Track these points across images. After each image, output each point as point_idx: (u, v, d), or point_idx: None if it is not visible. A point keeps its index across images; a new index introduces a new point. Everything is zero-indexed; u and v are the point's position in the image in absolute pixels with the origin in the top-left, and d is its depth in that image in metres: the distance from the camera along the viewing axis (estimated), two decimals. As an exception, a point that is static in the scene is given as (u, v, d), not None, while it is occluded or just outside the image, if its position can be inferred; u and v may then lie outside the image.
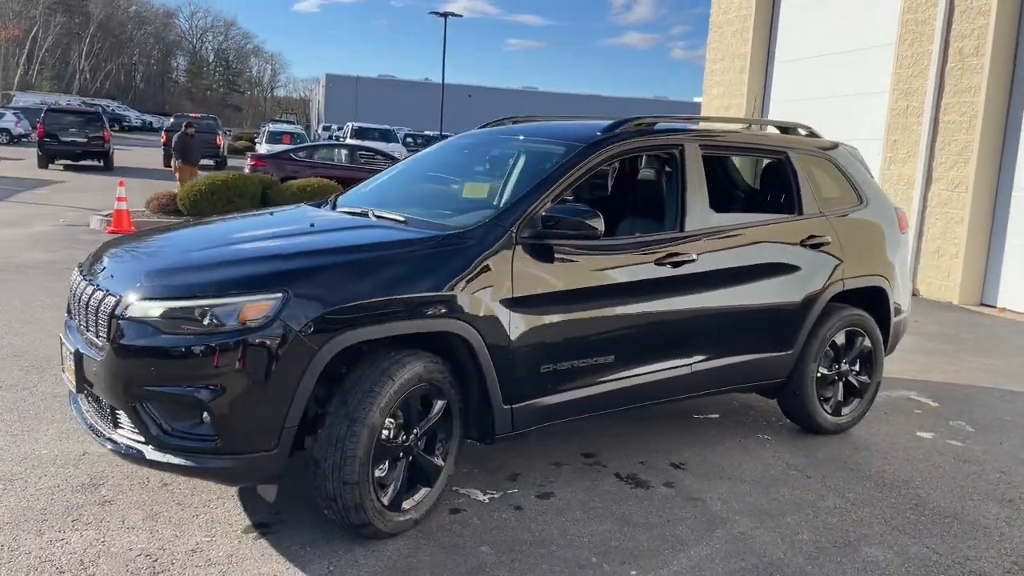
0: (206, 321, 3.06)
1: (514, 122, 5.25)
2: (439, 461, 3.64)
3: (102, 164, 25.79)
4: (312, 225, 4.04)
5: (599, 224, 3.72)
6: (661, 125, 4.56)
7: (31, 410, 4.75)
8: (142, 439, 3.17)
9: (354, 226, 3.99)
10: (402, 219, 3.97)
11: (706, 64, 15.63)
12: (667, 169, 4.48)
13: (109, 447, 3.29)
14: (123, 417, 3.23)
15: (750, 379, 4.69)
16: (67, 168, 25.53)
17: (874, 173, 8.75)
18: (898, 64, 11.38)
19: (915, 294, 10.78)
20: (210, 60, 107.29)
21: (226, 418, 3.06)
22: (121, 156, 30.61)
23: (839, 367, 5.03)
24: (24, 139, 37.47)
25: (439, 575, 3.19)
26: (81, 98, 53.20)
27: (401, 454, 3.46)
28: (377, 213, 4.14)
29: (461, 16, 45.37)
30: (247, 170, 16.87)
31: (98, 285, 3.39)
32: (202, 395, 3.05)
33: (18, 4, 60.65)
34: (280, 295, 3.10)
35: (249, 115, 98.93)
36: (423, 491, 3.57)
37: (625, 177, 5.40)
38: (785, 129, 5.27)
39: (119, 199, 12.32)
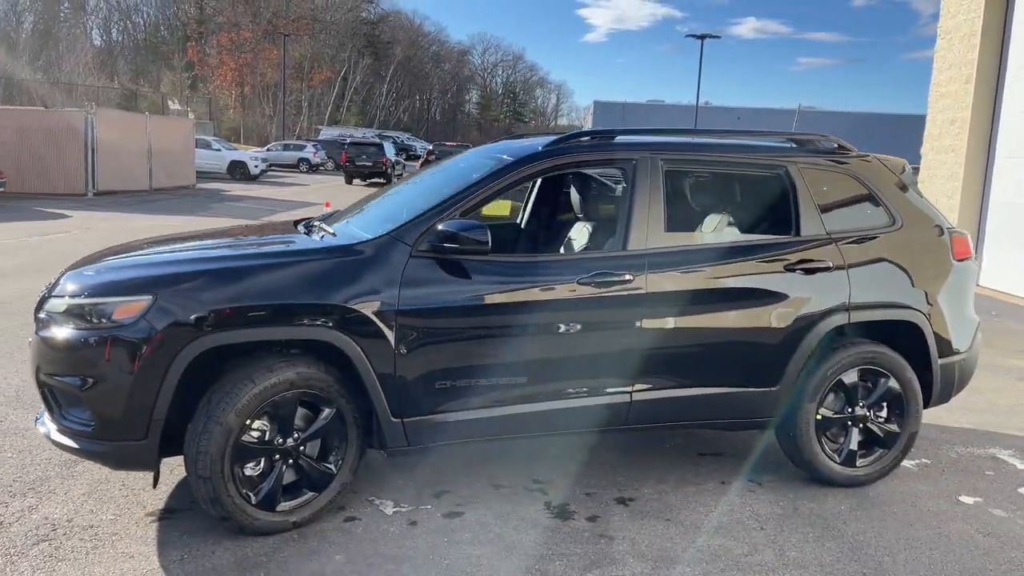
0: (91, 318, 3.46)
1: (517, 136, 5.21)
2: (331, 468, 3.76)
3: (384, 181, 31.09)
4: (242, 238, 4.36)
5: (484, 238, 3.66)
6: (621, 139, 4.34)
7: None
8: (54, 423, 3.64)
9: (274, 241, 4.23)
10: (333, 233, 4.15)
11: (932, 75, 14.04)
12: (623, 185, 4.24)
13: (41, 429, 3.79)
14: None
15: (720, 415, 4.27)
16: (369, 185, 31.71)
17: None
18: None
19: None
20: (499, 92, 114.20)
21: (98, 406, 3.44)
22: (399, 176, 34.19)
23: (852, 411, 4.40)
24: (321, 168, 42.42)
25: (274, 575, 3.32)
26: (377, 131, 59.06)
27: (278, 456, 3.63)
28: (320, 226, 4.35)
29: (718, 37, 44.58)
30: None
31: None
32: (81, 384, 3.44)
33: (332, 50, 69.00)
34: (149, 298, 3.43)
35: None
36: (308, 495, 3.72)
37: (584, 194, 5.11)
38: (801, 142, 4.72)
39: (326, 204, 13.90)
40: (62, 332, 3.49)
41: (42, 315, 3.64)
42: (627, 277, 3.96)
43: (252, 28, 61.60)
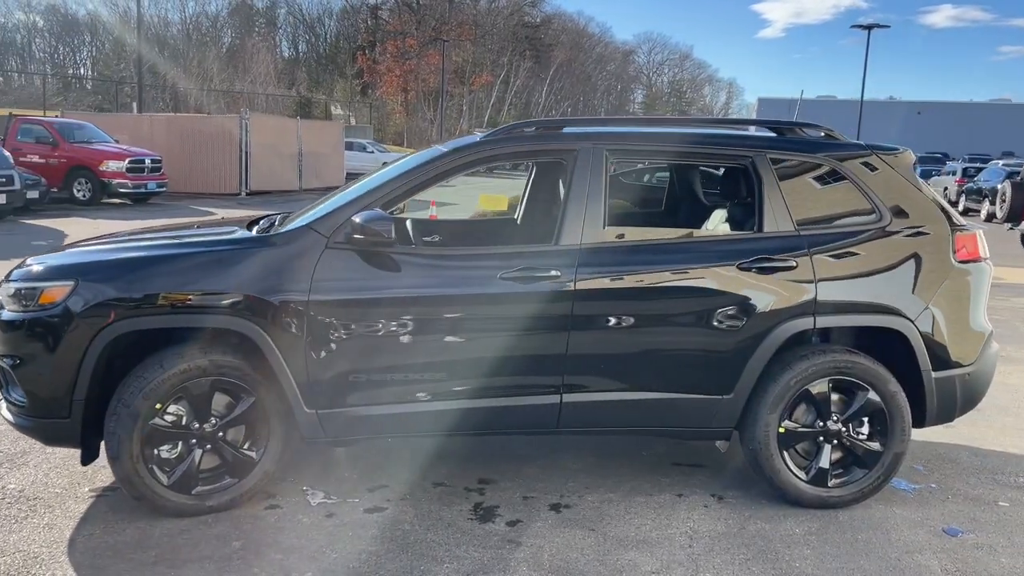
0: (24, 302, 3.69)
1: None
2: (253, 455, 3.83)
3: None
4: (188, 232, 4.51)
5: (385, 228, 3.61)
6: (569, 130, 4.14)
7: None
8: (3, 400, 3.91)
9: (208, 234, 4.33)
10: (271, 227, 4.22)
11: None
12: (562, 178, 4.05)
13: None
14: None
15: (667, 422, 3.98)
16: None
17: None
18: None
19: None
20: (665, 91, 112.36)
21: (27, 384, 3.67)
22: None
23: (823, 425, 3.98)
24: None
25: (161, 557, 3.41)
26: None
27: (194, 441, 3.74)
28: (272, 220, 4.43)
29: (887, 27, 41.35)
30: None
31: None
32: (12, 363, 3.69)
33: (493, 54, 70.38)
34: (71, 283, 3.62)
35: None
36: (227, 481, 3.81)
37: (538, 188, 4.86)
38: (781, 131, 4.31)
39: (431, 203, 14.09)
40: (4, 315, 3.75)
41: None
42: (554, 273, 3.78)
43: (418, 35, 63.87)
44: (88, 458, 3.81)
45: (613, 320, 3.83)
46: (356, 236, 3.67)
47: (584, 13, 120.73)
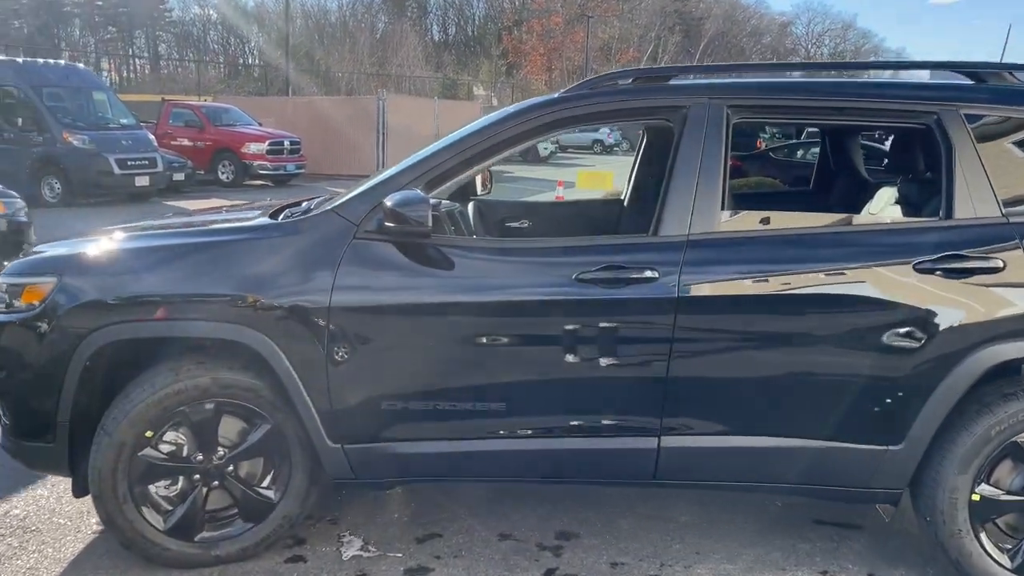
0: (8, 300, 3.08)
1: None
2: (271, 495, 3.08)
3: None
4: (208, 217, 3.76)
5: (420, 214, 2.73)
6: (679, 81, 3.12)
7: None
8: None
9: (220, 221, 3.56)
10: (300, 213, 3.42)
11: None
12: (671, 146, 3.02)
13: None
14: None
15: (806, 479, 2.92)
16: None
17: None
18: None
19: None
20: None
21: (7, 399, 3.06)
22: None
23: (1040, 494, 2.81)
24: (615, 149, 42.03)
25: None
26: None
27: (197, 476, 3.02)
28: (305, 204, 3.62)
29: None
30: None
31: None
32: (-2, 374, 3.08)
33: (640, 29, 68.20)
34: (53, 279, 2.97)
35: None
36: (239, 525, 3.08)
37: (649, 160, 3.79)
38: (981, 76, 3.09)
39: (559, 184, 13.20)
40: None
41: None
42: (649, 273, 2.79)
43: (563, 13, 62.74)
44: (81, 490, 3.16)
45: (732, 339, 2.82)
46: (389, 224, 2.81)
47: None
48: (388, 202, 2.79)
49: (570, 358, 2.84)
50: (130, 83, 55.84)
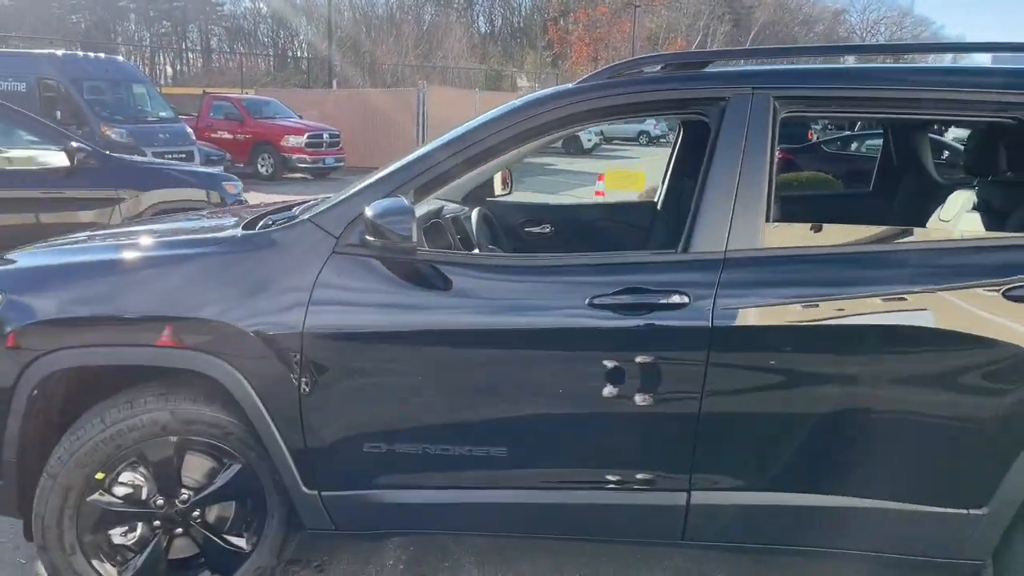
0: None
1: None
2: (243, 545, 2.70)
3: None
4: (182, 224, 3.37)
5: (401, 226, 2.30)
6: (716, 68, 2.64)
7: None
8: None
9: (187, 230, 3.16)
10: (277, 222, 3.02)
11: None
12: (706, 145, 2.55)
13: None
14: None
15: (862, 544, 2.43)
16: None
17: None
18: None
19: None
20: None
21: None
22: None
23: None
24: (661, 140, 41.22)
25: None
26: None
27: (157, 523, 2.65)
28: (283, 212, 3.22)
29: None
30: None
31: None
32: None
33: (689, 19, 66.92)
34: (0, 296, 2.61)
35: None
36: (206, 578, 2.70)
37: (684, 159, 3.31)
38: None
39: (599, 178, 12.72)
40: None
41: None
42: (677, 299, 2.33)
43: (609, 2, 61.83)
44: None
45: (778, 378, 2.35)
46: (370, 238, 2.40)
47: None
48: (368, 212, 2.37)
49: (581, 398, 2.40)
50: (183, 76, 56.58)
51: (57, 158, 5.80)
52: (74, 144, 5.85)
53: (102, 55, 17.34)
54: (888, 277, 2.33)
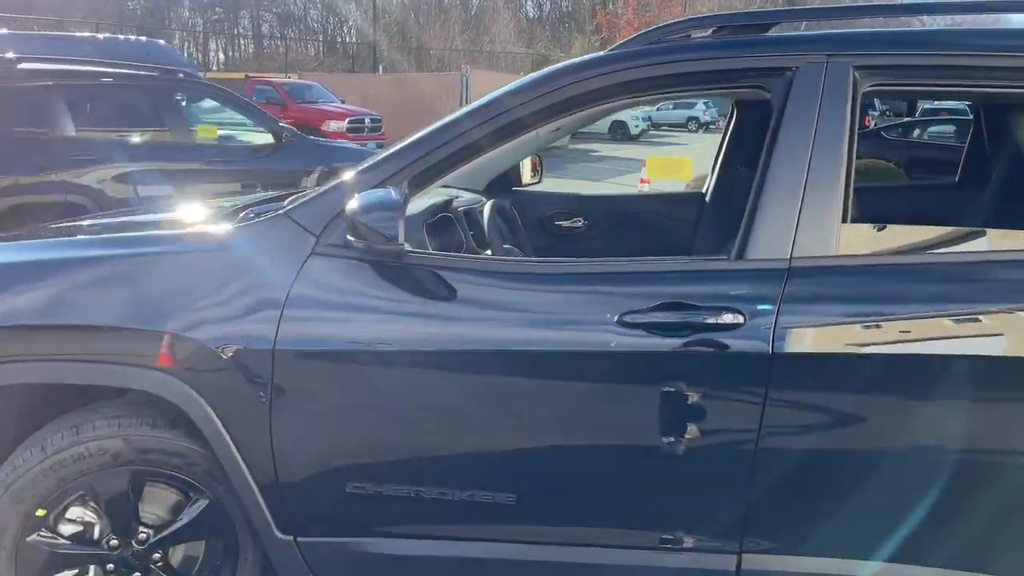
0: None
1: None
2: (211, 591, 2.32)
3: None
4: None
5: (389, 226, 1.88)
6: (781, 32, 2.15)
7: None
8: None
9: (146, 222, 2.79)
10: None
11: None
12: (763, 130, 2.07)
13: None
14: None
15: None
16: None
17: None
18: None
19: None
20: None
21: None
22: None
23: None
24: (711, 126, 40.25)
25: None
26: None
27: (111, 566, 2.27)
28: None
29: None
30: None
31: None
32: None
33: (743, 1, 65.48)
34: None
35: None
36: (172, 634, 2.32)
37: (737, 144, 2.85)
38: None
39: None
40: None
41: None
42: (730, 317, 1.86)
43: (659, -15, 60.70)
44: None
45: (854, 418, 1.87)
46: (350, 237, 1.98)
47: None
48: (351, 205, 1.95)
49: (607, 438, 1.95)
50: (234, 62, 57.01)
51: (263, 137, 7.04)
52: (282, 125, 7.18)
53: (143, 38, 17.21)
54: (1003, 291, 1.83)
